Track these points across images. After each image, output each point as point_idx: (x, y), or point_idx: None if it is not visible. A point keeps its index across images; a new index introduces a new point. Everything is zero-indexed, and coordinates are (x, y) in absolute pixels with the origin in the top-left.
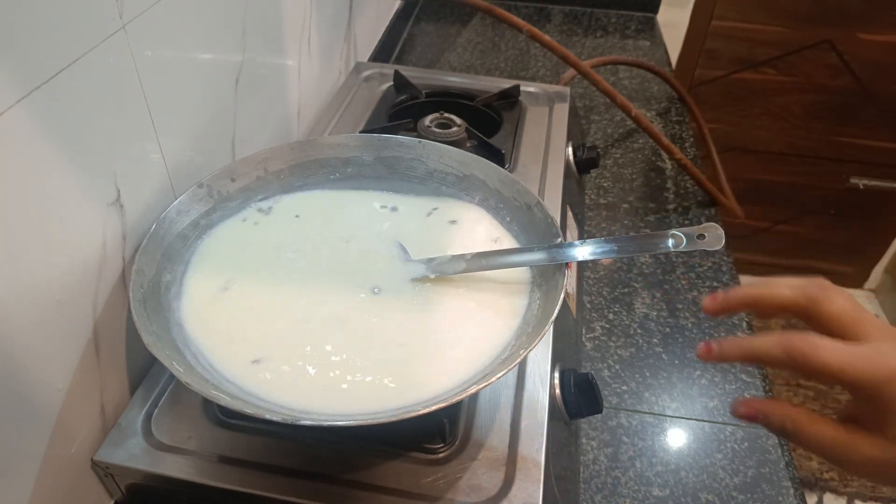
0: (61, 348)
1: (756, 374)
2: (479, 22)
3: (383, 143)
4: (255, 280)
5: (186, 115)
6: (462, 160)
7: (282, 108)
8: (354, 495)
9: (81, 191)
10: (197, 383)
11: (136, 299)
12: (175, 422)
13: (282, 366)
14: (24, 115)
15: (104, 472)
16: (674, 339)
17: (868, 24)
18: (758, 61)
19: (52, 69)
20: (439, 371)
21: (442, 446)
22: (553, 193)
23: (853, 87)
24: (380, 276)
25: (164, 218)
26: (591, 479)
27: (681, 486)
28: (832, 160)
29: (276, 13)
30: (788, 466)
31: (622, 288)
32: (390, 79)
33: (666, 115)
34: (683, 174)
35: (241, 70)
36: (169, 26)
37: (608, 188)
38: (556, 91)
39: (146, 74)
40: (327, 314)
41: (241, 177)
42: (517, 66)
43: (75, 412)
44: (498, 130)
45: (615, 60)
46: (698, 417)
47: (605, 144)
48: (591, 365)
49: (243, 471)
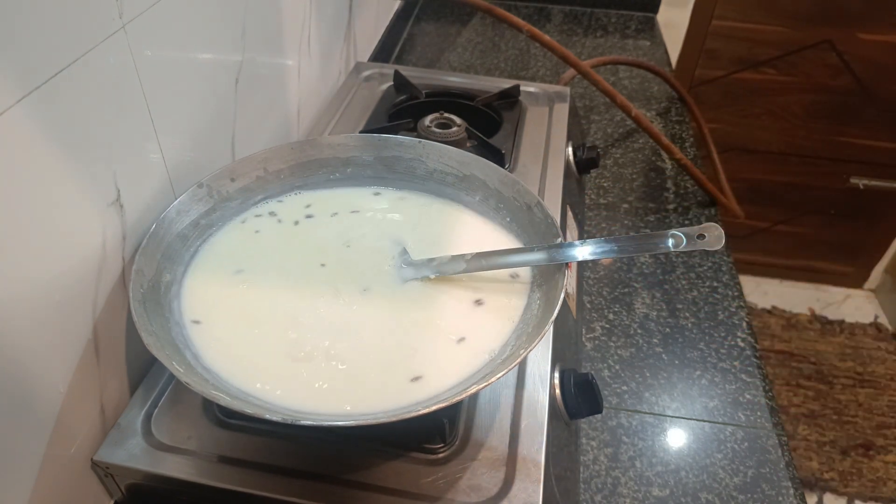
0: (61, 348)
1: (756, 373)
2: (479, 22)
3: (383, 144)
4: (254, 281)
5: (186, 115)
6: (462, 160)
7: (282, 107)
8: (354, 495)
9: (81, 191)
10: (197, 383)
11: (136, 299)
12: (175, 422)
13: (281, 366)
14: (23, 115)
15: (104, 473)
16: (674, 339)
17: (868, 24)
18: (758, 61)
19: (52, 69)
20: (439, 371)
21: (442, 446)
22: (553, 193)
23: (853, 87)
24: (380, 276)
25: (164, 218)
26: (590, 479)
27: (681, 487)
28: (832, 160)
29: (275, 13)
30: (788, 466)
31: (622, 288)
32: (390, 79)
33: (666, 115)
34: (683, 174)
35: (241, 70)
36: (169, 26)
37: (608, 188)
38: (556, 91)
39: (146, 74)
40: (327, 315)
41: (240, 177)
42: (517, 66)
43: (75, 412)
44: (498, 130)
45: (615, 60)
46: (698, 417)
47: (605, 144)
48: (591, 365)
49: (243, 471)
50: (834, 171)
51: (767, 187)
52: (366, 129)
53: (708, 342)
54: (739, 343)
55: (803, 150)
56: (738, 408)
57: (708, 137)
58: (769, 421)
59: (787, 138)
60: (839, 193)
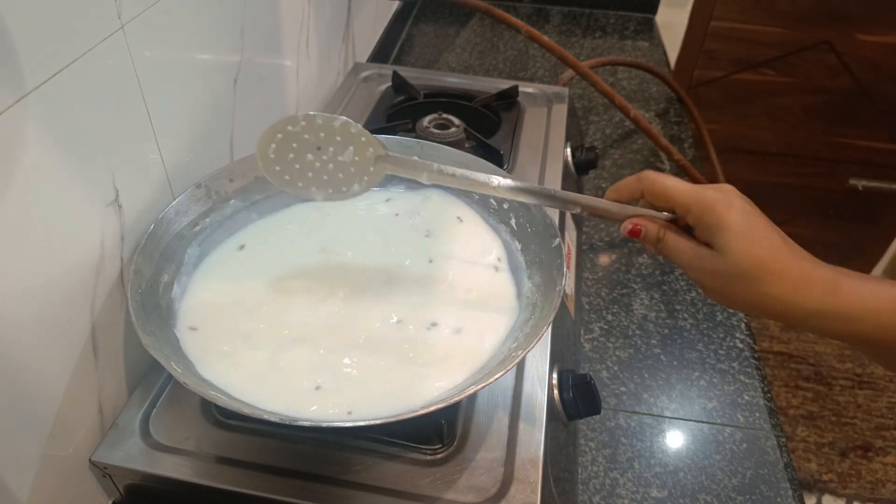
0: (59, 349)
1: (755, 375)
2: (478, 22)
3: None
4: (254, 281)
5: (185, 116)
6: (461, 161)
7: (280, 108)
8: (352, 496)
9: (79, 191)
10: (195, 383)
11: (135, 299)
12: (173, 422)
13: (279, 366)
14: (22, 116)
15: (102, 473)
16: (672, 340)
17: (867, 25)
18: (757, 62)
19: (51, 69)
20: (437, 371)
21: (440, 447)
22: None
23: (852, 88)
24: (379, 275)
25: (163, 218)
26: (589, 480)
27: (679, 488)
28: (831, 161)
29: (274, 14)
30: (787, 468)
31: (621, 289)
32: (389, 79)
33: (665, 116)
34: (682, 175)
35: (240, 70)
36: (167, 27)
37: (607, 189)
38: (554, 92)
39: (145, 75)
40: (325, 315)
41: (239, 177)
42: (516, 66)
43: (73, 412)
44: (496, 131)
45: (614, 61)
46: (697, 419)
47: (604, 145)
48: (590, 366)
49: (241, 471)
50: (833, 172)
51: (766, 188)
52: None
53: (707, 343)
54: (738, 344)
55: (802, 150)
56: (737, 409)
57: (707, 138)
58: (768, 422)
59: (786, 139)
60: (838, 194)
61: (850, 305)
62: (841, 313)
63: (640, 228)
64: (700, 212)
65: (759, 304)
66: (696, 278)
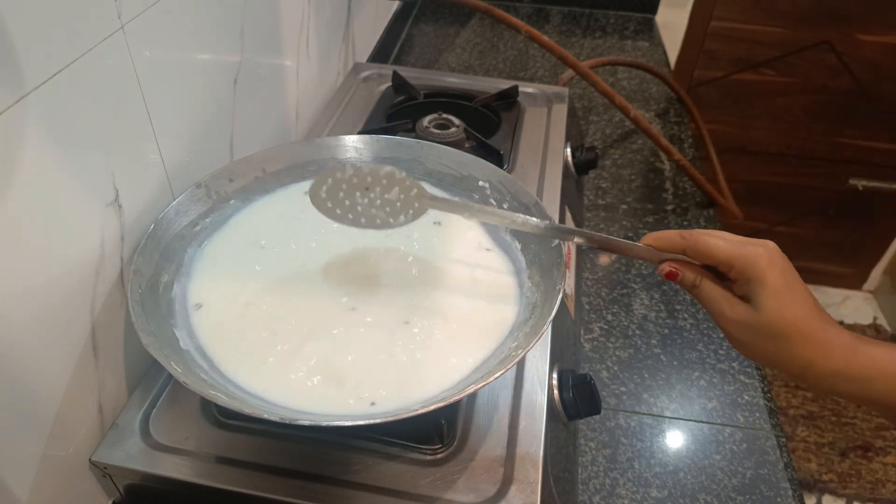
0: (59, 349)
1: (755, 375)
2: (478, 22)
3: (382, 144)
4: (254, 281)
5: (185, 116)
6: (461, 161)
7: (280, 108)
8: (352, 496)
9: (79, 191)
10: (195, 383)
11: (135, 299)
12: (173, 422)
13: (278, 366)
14: (22, 115)
15: (102, 473)
16: (672, 340)
17: (867, 25)
18: (757, 62)
19: (51, 69)
20: (437, 371)
21: (440, 447)
22: (551, 194)
23: (852, 88)
24: (379, 275)
25: (163, 218)
26: (589, 480)
27: (679, 488)
28: (831, 161)
29: (274, 14)
30: (787, 468)
31: (621, 289)
32: (389, 79)
33: (665, 116)
34: (682, 175)
35: (240, 70)
36: (167, 27)
37: (607, 189)
38: (554, 92)
39: (145, 75)
40: (325, 315)
41: (239, 177)
42: (516, 66)
43: (73, 412)
44: (496, 131)
45: (614, 61)
46: (697, 419)
47: (604, 145)
48: (590, 366)
49: (241, 471)
50: (833, 172)
51: (766, 188)
52: (364, 130)
53: (707, 343)
54: None
55: (802, 150)
56: (737, 409)
57: (707, 138)
58: (768, 422)
59: (786, 139)
60: (838, 194)
61: (865, 368)
62: (857, 375)
63: (678, 273)
64: (743, 267)
65: (782, 361)
66: (725, 327)
